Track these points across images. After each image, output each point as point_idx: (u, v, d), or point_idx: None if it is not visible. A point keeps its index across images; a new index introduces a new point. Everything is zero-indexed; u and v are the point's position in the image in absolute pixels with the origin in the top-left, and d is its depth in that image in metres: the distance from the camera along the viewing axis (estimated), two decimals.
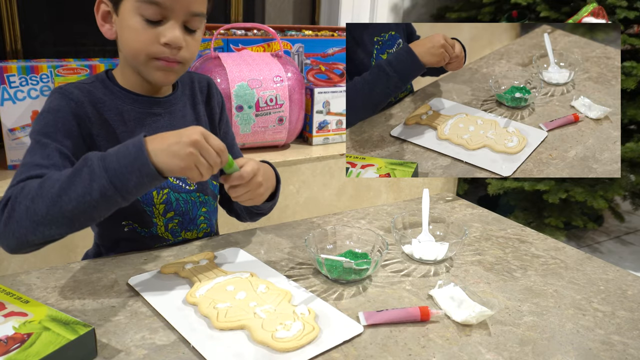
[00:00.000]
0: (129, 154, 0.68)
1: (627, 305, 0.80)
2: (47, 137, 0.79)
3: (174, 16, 0.80)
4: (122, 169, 0.68)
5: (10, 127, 1.44)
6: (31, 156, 0.77)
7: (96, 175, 0.67)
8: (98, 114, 0.85)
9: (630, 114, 2.04)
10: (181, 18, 0.81)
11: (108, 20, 0.85)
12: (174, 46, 0.81)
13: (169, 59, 0.82)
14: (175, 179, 0.92)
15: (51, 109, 0.82)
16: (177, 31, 0.80)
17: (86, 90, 0.85)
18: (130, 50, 0.83)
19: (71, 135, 0.81)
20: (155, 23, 0.80)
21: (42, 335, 0.61)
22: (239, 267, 0.86)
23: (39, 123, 0.81)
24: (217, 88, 1.03)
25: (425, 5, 2.57)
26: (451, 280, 0.83)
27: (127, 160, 0.68)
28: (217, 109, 1.01)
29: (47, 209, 0.68)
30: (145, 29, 0.80)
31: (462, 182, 2.34)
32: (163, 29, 0.80)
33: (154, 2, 0.78)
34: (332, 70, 1.91)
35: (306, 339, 0.67)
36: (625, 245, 2.42)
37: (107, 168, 0.68)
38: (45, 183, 0.70)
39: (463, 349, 0.68)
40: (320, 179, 1.75)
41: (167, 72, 0.84)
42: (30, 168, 0.75)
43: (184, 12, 0.80)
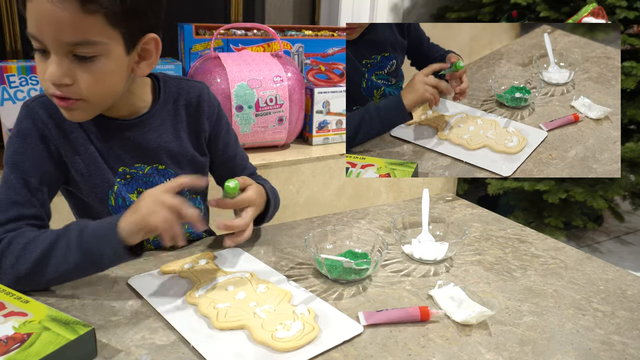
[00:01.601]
0: (103, 233, 0.71)
1: (626, 305, 0.80)
2: (18, 168, 0.79)
3: (51, 47, 0.70)
4: (95, 247, 0.71)
5: (10, 127, 1.44)
6: (7, 190, 0.78)
7: (72, 248, 0.71)
8: (63, 135, 0.82)
9: (630, 114, 2.04)
10: (59, 48, 0.70)
11: None
12: (55, 83, 0.71)
13: (60, 96, 0.73)
14: None
15: (20, 133, 0.80)
16: (55, 66, 0.70)
17: (53, 107, 0.79)
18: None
19: (41, 162, 0.80)
20: (44, 54, 0.71)
21: (42, 335, 0.61)
22: (239, 267, 0.86)
23: (10, 148, 0.80)
24: (211, 98, 0.95)
25: (425, 5, 2.57)
26: (451, 280, 0.83)
27: (101, 239, 0.71)
28: (208, 126, 0.94)
29: (28, 271, 0.72)
30: (40, 61, 0.72)
31: (462, 182, 2.34)
32: (48, 63, 0.71)
33: (31, 35, 0.70)
34: (332, 70, 1.91)
35: (306, 339, 0.67)
36: (625, 245, 2.42)
37: (82, 243, 0.71)
38: (29, 246, 0.73)
39: (463, 349, 0.68)
40: (320, 179, 1.75)
41: (69, 111, 0.75)
42: (8, 207, 0.77)
43: (56, 42, 0.69)
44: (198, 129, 0.93)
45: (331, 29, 2.03)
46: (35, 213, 0.79)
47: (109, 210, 0.86)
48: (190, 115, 0.92)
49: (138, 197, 0.86)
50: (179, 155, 0.91)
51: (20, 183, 0.78)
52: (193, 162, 0.93)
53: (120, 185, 0.86)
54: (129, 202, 0.87)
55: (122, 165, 0.86)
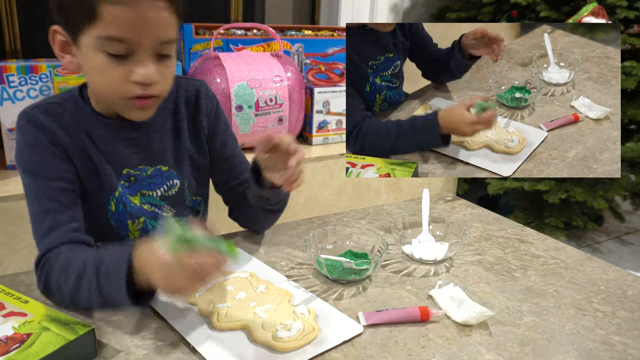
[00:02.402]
0: (118, 282, 0.65)
1: (627, 305, 0.80)
2: (39, 176, 0.77)
3: (142, 49, 0.71)
4: (112, 295, 0.67)
5: (9, 127, 1.44)
6: (37, 200, 0.76)
7: (93, 290, 0.68)
8: (70, 139, 0.80)
9: (631, 113, 2.04)
10: (151, 49, 0.72)
11: (68, 51, 0.76)
12: (148, 83, 0.73)
13: (144, 95, 0.74)
14: (151, 206, 0.88)
15: (28, 143, 0.78)
16: (149, 66, 0.72)
17: (55, 113, 0.79)
18: (100, 91, 0.77)
19: (59, 164, 0.79)
20: (122, 57, 0.71)
21: (42, 336, 0.61)
22: (239, 267, 0.85)
23: (23, 160, 0.79)
24: (209, 95, 0.93)
25: (425, 5, 2.57)
26: (451, 280, 0.83)
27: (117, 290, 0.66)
28: (206, 123, 0.92)
29: (69, 300, 0.72)
30: (111, 66, 0.71)
31: (462, 182, 2.34)
32: (132, 65, 0.71)
33: (117, 39, 0.69)
34: (332, 70, 1.91)
35: (306, 339, 0.67)
36: (625, 245, 2.42)
37: (101, 286, 0.67)
38: (61, 277, 0.71)
39: (463, 349, 0.68)
40: (320, 179, 1.75)
41: (144, 110, 0.77)
42: (43, 217, 0.75)
43: (153, 43, 0.71)
44: (197, 127, 0.92)
45: (331, 29, 2.03)
46: (71, 216, 0.77)
47: (108, 215, 0.85)
48: (189, 113, 0.91)
49: (141, 199, 0.86)
50: (180, 155, 0.90)
51: (47, 190, 0.76)
52: (193, 162, 0.92)
53: (123, 188, 0.85)
54: (129, 207, 0.85)
55: (127, 168, 0.85)
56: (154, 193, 0.87)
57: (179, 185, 0.90)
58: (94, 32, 0.70)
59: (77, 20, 0.71)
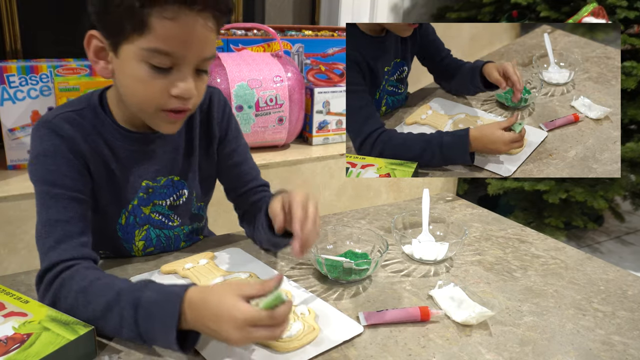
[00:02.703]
0: (163, 322, 0.62)
1: (627, 305, 0.80)
2: (55, 186, 0.75)
3: (185, 64, 0.72)
4: (151, 333, 0.63)
5: (10, 127, 1.44)
6: (46, 211, 0.74)
7: (126, 324, 0.64)
8: (91, 150, 0.79)
9: (631, 114, 2.04)
10: (193, 64, 0.73)
11: (102, 57, 0.75)
12: (186, 97, 0.73)
13: (180, 109, 0.75)
14: (159, 215, 0.87)
15: (47, 152, 0.76)
16: (189, 81, 0.73)
17: (76, 122, 0.78)
18: (134, 100, 0.76)
19: (77, 176, 0.77)
20: (165, 70, 0.71)
21: (42, 336, 0.61)
22: (239, 267, 0.85)
23: (39, 169, 0.76)
24: (221, 103, 0.92)
25: (425, 5, 2.57)
26: (451, 281, 0.83)
27: (159, 329, 0.63)
28: (218, 131, 0.92)
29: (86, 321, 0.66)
30: (153, 78, 0.71)
31: (462, 182, 2.34)
32: (174, 79, 0.72)
33: (164, 52, 0.70)
34: (332, 70, 1.91)
35: (306, 339, 0.67)
36: (625, 245, 2.42)
37: (138, 323, 0.64)
38: (80, 298, 0.67)
39: (463, 349, 0.68)
40: (320, 179, 1.75)
41: (174, 124, 0.78)
42: (53, 228, 0.73)
43: (197, 59, 0.72)
44: (209, 135, 0.91)
45: (331, 29, 2.03)
46: (81, 229, 0.75)
47: (116, 227, 0.84)
48: (202, 122, 0.90)
49: (152, 210, 0.85)
50: (191, 165, 0.90)
51: (61, 201, 0.74)
52: (202, 171, 0.92)
53: (139, 200, 0.84)
54: (139, 218, 0.85)
55: (146, 179, 0.84)
56: (163, 202, 0.87)
57: (187, 194, 0.90)
58: (141, 43, 0.69)
59: (124, 30, 0.70)
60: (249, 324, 0.59)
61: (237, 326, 0.59)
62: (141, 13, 0.67)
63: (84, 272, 0.70)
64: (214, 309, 0.60)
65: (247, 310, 0.59)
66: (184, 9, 0.68)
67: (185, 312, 0.62)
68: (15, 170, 1.47)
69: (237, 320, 0.59)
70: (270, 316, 0.59)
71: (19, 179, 1.39)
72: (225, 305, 0.60)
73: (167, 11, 0.67)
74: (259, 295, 0.61)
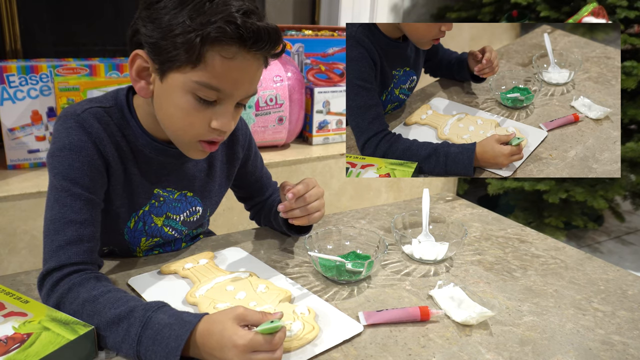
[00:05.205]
0: (165, 345, 0.62)
1: (627, 305, 0.80)
2: (75, 184, 0.73)
3: (231, 99, 0.73)
4: (151, 353, 0.62)
5: (10, 127, 1.44)
6: (61, 208, 0.72)
7: (129, 339, 0.63)
8: (114, 150, 0.78)
9: (631, 113, 2.04)
10: (237, 100, 0.74)
11: (144, 77, 0.74)
12: (225, 131, 0.74)
13: (215, 140, 0.76)
14: (172, 230, 0.88)
15: (73, 146, 0.74)
16: (229, 116, 0.74)
17: (104, 120, 0.77)
18: (173, 127, 0.75)
19: (98, 176, 0.76)
20: (209, 103, 0.72)
21: (42, 335, 0.61)
22: (239, 266, 0.86)
23: (61, 163, 0.73)
24: (243, 126, 0.94)
25: (425, 5, 2.57)
26: (451, 280, 0.83)
27: (160, 351, 0.62)
28: (241, 153, 0.94)
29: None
30: (196, 110, 0.72)
31: (462, 182, 2.34)
32: (216, 112, 0.73)
33: (215, 88, 0.70)
34: (332, 70, 1.91)
35: (306, 338, 0.67)
36: (625, 245, 2.42)
37: (141, 340, 0.63)
38: (87, 306, 0.66)
39: (463, 349, 0.68)
40: (320, 179, 1.75)
41: (205, 152, 0.78)
42: (65, 227, 0.72)
43: (243, 96, 0.74)
44: (232, 157, 0.93)
45: (331, 29, 2.03)
46: (93, 233, 0.74)
47: (124, 231, 0.84)
48: (225, 144, 0.91)
49: (164, 221, 0.86)
50: (210, 185, 0.91)
51: (78, 200, 0.73)
52: (220, 191, 0.94)
53: (150, 207, 0.84)
54: (148, 225, 0.85)
55: (157, 188, 0.84)
56: (177, 217, 0.88)
57: (202, 212, 0.91)
58: (192, 76, 0.69)
59: (177, 59, 0.69)
60: (250, 350, 0.60)
61: (240, 352, 0.60)
62: (200, 48, 0.67)
63: (95, 282, 0.69)
64: (217, 337, 0.61)
65: (247, 336, 0.60)
66: (243, 51, 0.69)
67: (195, 340, 0.62)
68: (15, 170, 1.47)
69: (238, 346, 0.60)
70: (270, 341, 0.61)
71: (19, 179, 1.39)
72: (227, 332, 0.61)
73: (226, 51, 0.68)
74: (259, 324, 0.62)
